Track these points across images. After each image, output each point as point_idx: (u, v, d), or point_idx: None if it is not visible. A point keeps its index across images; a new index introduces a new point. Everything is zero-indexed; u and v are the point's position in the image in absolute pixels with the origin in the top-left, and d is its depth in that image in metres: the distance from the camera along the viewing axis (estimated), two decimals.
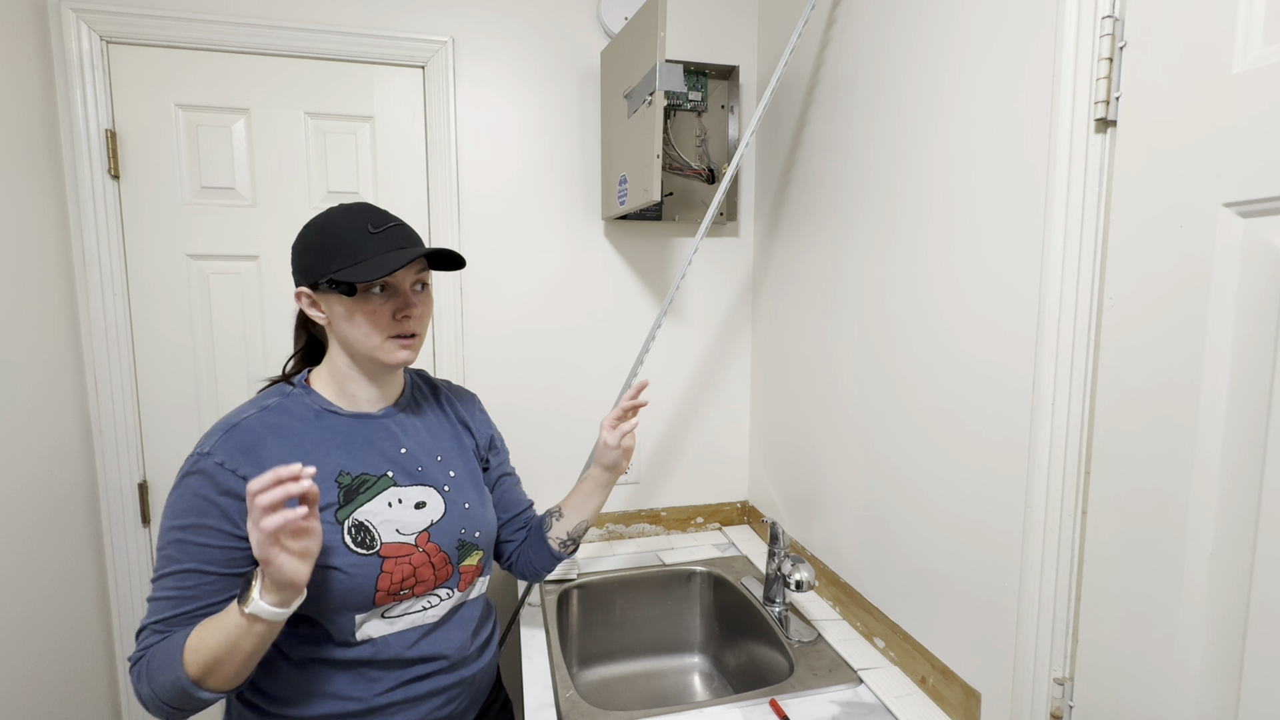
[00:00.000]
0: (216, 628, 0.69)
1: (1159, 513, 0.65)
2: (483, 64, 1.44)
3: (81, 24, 1.24)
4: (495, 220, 1.47)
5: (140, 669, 0.71)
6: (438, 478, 0.89)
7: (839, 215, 1.20)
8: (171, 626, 0.72)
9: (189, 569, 0.73)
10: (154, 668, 0.70)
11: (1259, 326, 0.56)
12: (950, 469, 0.93)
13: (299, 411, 0.82)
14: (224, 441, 0.76)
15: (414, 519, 0.84)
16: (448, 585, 0.87)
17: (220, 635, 0.69)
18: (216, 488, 0.74)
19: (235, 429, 0.77)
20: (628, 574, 1.39)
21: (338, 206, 0.82)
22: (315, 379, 0.87)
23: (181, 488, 0.75)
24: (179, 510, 0.74)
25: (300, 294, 0.83)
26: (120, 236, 1.31)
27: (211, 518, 0.73)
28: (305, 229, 0.82)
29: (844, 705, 0.97)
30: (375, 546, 0.79)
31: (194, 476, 0.74)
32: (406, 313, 0.82)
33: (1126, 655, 0.69)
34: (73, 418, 1.29)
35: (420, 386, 0.98)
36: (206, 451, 0.75)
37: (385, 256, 0.78)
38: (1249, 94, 0.56)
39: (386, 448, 0.86)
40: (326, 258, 0.78)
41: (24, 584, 1.15)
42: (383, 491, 0.83)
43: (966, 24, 0.87)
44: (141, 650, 0.72)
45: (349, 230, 0.79)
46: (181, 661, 0.69)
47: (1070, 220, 0.72)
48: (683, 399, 1.63)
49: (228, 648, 0.68)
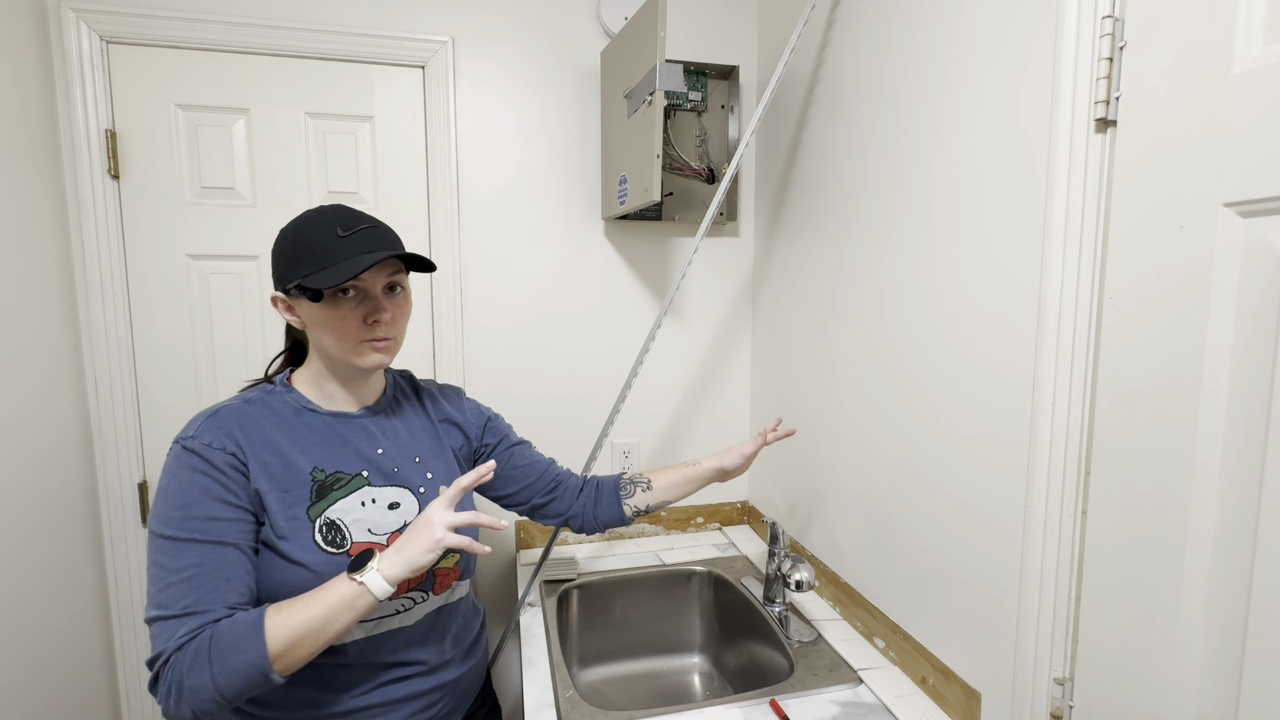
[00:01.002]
0: (313, 601, 0.70)
1: (1159, 513, 0.65)
2: (483, 64, 1.44)
3: (81, 24, 1.24)
4: (495, 220, 1.47)
5: (187, 658, 0.67)
6: (413, 479, 0.88)
7: (839, 215, 1.20)
8: (202, 605, 0.69)
9: (206, 542, 0.71)
10: (222, 650, 0.66)
11: (1259, 326, 0.56)
12: (950, 469, 0.93)
13: (279, 408, 0.83)
14: (208, 425, 0.77)
15: (387, 519, 0.83)
16: (421, 589, 0.85)
17: (318, 608, 0.69)
18: (211, 465, 0.74)
19: (217, 415, 0.78)
20: (628, 574, 1.39)
21: (313, 209, 0.82)
22: (297, 378, 0.87)
23: (174, 474, 0.74)
24: (176, 494, 0.73)
25: (276, 299, 0.83)
26: (120, 236, 1.31)
27: (214, 491, 0.73)
28: (280, 233, 0.81)
29: (844, 705, 0.97)
30: (345, 545, 0.79)
31: (185, 458, 0.74)
32: (377, 317, 0.81)
33: (1126, 655, 0.69)
34: (73, 418, 1.29)
35: (402, 387, 0.97)
36: (192, 435, 0.75)
37: (351, 261, 0.77)
38: (1249, 94, 0.56)
39: (363, 447, 0.85)
40: (296, 262, 0.78)
41: (24, 584, 1.15)
42: (356, 490, 0.82)
43: (966, 24, 0.87)
44: (186, 638, 0.68)
45: (318, 234, 0.78)
46: (264, 637, 0.67)
47: (1070, 220, 0.72)
48: (683, 399, 1.63)
49: (324, 621, 0.69)
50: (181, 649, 0.68)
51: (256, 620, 0.69)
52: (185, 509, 0.72)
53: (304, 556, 0.76)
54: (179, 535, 0.71)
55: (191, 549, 0.71)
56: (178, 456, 0.75)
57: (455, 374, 1.48)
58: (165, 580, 0.70)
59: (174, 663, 0.67)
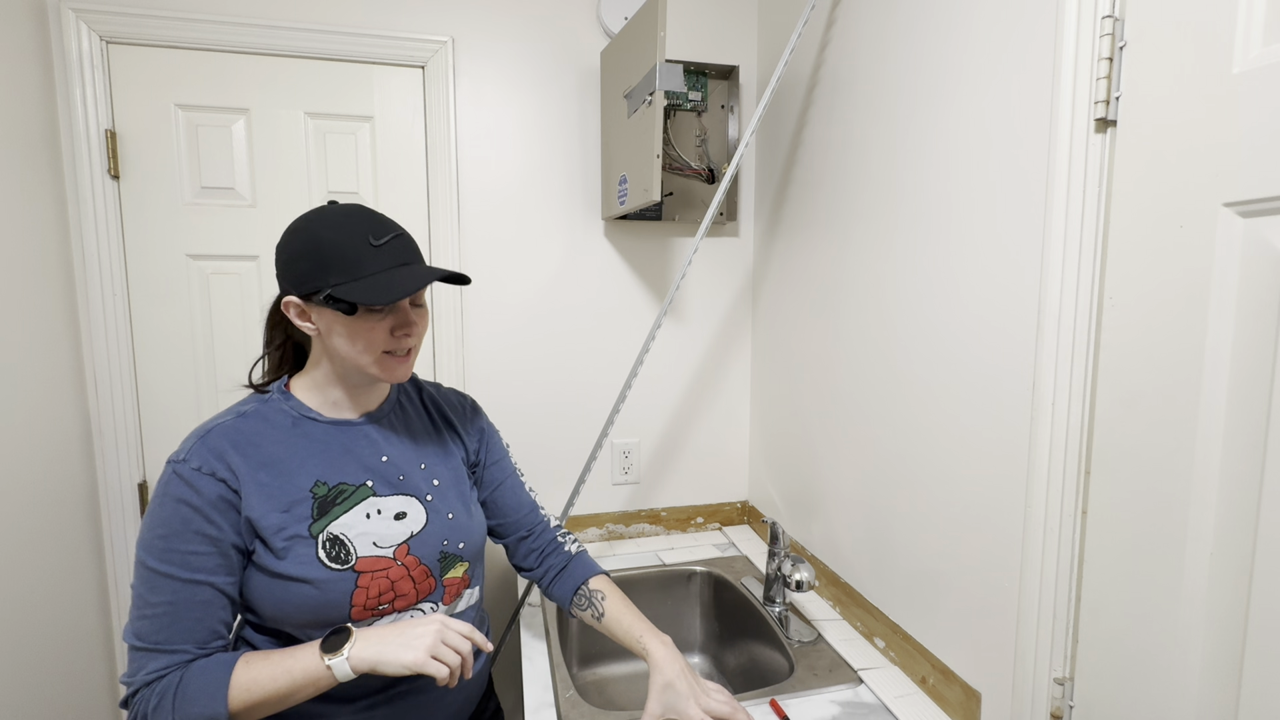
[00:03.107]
0: (277, 670, 0.70)
1: (1159, 513, 0.65)
2: (482, 64, 1.44)
3: (81, 24, 1.24)
4: (495, 220, 1.47)
5: (153, 699, 0.69)
6: (420, 486, 0.86)
7: (839, 215, 1.20)
8: (173, 643, 0.71)
9: (182, 579, 0.71)
10: (186, 698, 0.68)
11: (1259, 326, 0.56)
12: (950, 469, 0.93)
13: (276, 419, 0.80)
14: (199, 447, 0.75)
15: (393, 531, 0.81)
16: (430, 599, 0.84)
17: (282, 679, 0.69)
18: (196, 493, 0.72)
19: (209, 435, 0.76)
20: (628, 574, 1.39)
21: (331, 208, 0.78)
22: (296, 385, 0.84)
23: (161, 498, 0.73)
24: (160, 520, 0.72)
25: (289, 303, 0.78)
26: (120, 236, 1.31)
27: (195, 524, 0.72)
28: (295, 232, 0.77)
29: (844, 705, 0.97)
30: (350, 561, 0.77)
31: (173, 485, 0.73)
32: (406, 330, 0.79)
33: (1126, 655, 0.69)
34: (73, 418, 1.29)
35: (406, 390, 0.94)
36: (182, 459, 0.74)
37: (391, 275, 0.74)
38: (1249, 94, 0.56)
39: (366, 456, 0.83)
40: (323, 269, 0.74)
41: (24, 584, 1.15)
42: (361, 502, 0.80)
43: (967, 24, 0.87)
44: (155, 675, 0.70)
45: (349, 241, 0.74)
46: (225, 696, 0.68)
47: (1070, 220, 0.72)
48: (683, 399, 1.63)
49: (286, 691, 0.70)
50: (150, 685, 0.70)
51: (222, 677, 0.70)
52: (167, 540, 0.72)
53: (308, 573, 0.75)
54: (158, 568, 0.71)
55: (167, 585, 0.71)
56: (167, 481, 0.73)
57: (455, 374, 1.48)
58: (141, 611, 0.72)
59: (141, 698, 0.70)
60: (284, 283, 0.78)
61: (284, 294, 0.79)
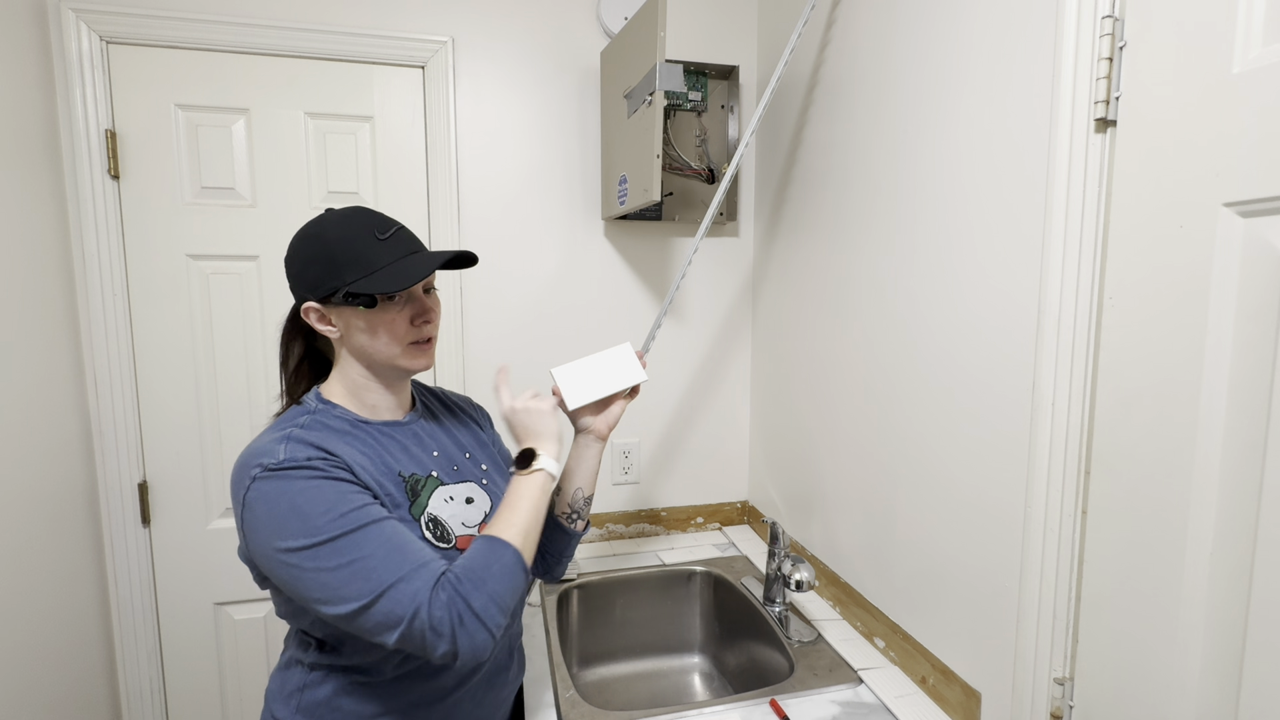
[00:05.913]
0: (516, 502, 0.78)
1: (1159, 513, 0.65)
2: (483, 64, 1.44)
3: (81, 24, 1.24)
4: (495, 220, 1.47)
5: (444, 596, 0.66)
6: (474, 472, 0.89)
7: (839, 215, 1.20)
8: (424, 558, 0.69)
9: (378, 521, 0.69)
10: (477, 570, 0.69)
11: (1259, 326, 0.56)
12: (950, 468, 0.93)
13: (334, 424, 0.78)
14: (291, 446, 0.71)
15: (470, 513, 0.84)
16: None
17: (525, 506, 0.77)
18: (327, 465, 0.70)
19: (290, 438, 0.72)
20: (628, 574, 1.39)
21: (331, 214, 0.78)
22: (330, 395, 0.82)
23: (287, 493, 0.68)
24: (306, 503, 0.67)
25: (309, 309, 0.78)
26: (120, 236, 1.31)
27: (347, 489, 0.70)
28: (302, 240, 0.78)
29: (844, 705, 0.97)
30: (451, 540, 0.79)
31: (294, 476, 0.68)
32: (426, 317, 0.80)
33: (1126, 655, 0.69)
34: (73, 418, 1.29)
35: (422, 391, 0.97)
36: (283, 458, 0.69)
37: (402, 264, 0.75)
38: (1249, 94, 0.56)
39: (420, 452, 0.84)
40: (336, 270, 0.75)
41: (24, 584, 1.15)
42: (435, 490, 0.82)
43: (967, 24, 0.87)
44: (432, 581, 0.66)
45: (355, 238, 0.75)
46: (505, 539, 0.73)
47: (1070, 220, 0.72)
48: (683, 399, 1.63)
49: (535, 512, 0.78)
50: (434, 592, 0.66)
51: (486, 538, 0.73)
52: (330, 511, 0.67)
53: None
54: (347, 529, 0.67)
55: (373, 531, 0.68)
56: (278, 480, 0.68)
57: (455, 374, 1.48)
58: (358, 567, 0.66)
59: (435, 602, 0.66)
60: (299, 290, 0.78)
61: (301, 301, 0.79)
